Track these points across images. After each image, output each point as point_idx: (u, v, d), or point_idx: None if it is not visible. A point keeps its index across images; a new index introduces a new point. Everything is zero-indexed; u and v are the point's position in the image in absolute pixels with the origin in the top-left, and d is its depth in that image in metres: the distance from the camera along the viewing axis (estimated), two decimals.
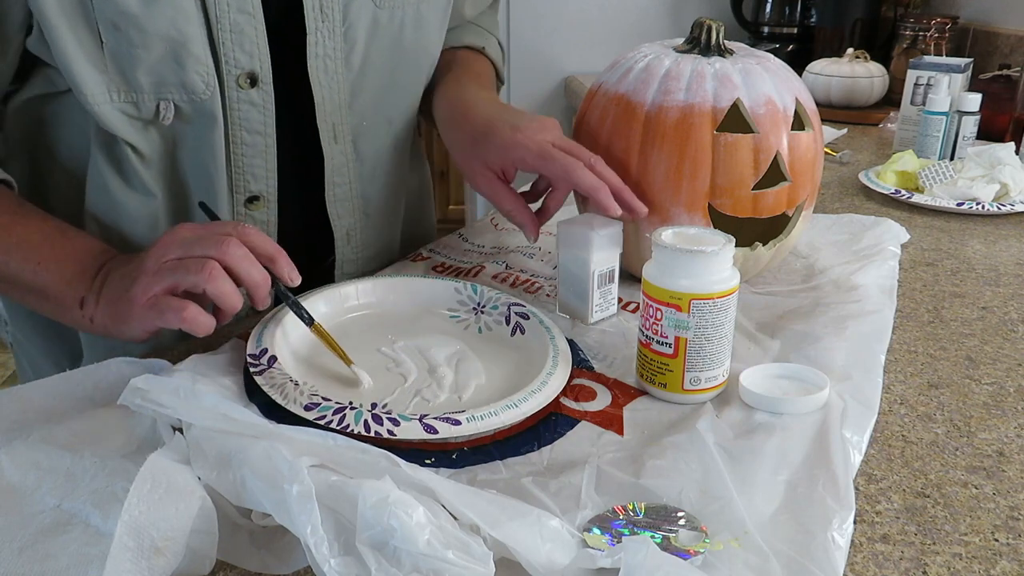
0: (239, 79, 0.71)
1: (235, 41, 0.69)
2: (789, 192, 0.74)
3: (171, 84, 0.68)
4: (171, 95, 0.68)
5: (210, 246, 0.57)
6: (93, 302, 0.63)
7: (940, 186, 1.09)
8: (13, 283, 0.65)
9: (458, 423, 0.53)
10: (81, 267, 0.64)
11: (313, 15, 0.73)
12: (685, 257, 0.57)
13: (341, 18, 0.75)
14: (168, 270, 0.57)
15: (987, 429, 0.59)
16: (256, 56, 0.71)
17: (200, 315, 0.57)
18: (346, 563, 0.41)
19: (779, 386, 0.60)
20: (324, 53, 0.75)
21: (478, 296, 0.72)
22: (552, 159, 0.70)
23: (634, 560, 0.41)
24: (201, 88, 0.69)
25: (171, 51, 0.66)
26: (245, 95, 0.72)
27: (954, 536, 0.48)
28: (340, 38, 0.75)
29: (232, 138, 0.73)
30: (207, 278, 0.56)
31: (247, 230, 0.60)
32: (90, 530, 0.45)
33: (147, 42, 0.65)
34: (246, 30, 0.69)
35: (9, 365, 2.77)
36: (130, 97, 0.68)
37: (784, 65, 0.77)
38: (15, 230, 0.65)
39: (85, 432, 0.53)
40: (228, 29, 0.68)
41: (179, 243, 0.58)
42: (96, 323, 0.63)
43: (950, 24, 1.70)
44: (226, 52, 0.69)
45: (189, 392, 0.51)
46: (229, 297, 0.57)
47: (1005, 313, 0.78)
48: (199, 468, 0.46)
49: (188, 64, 0.67)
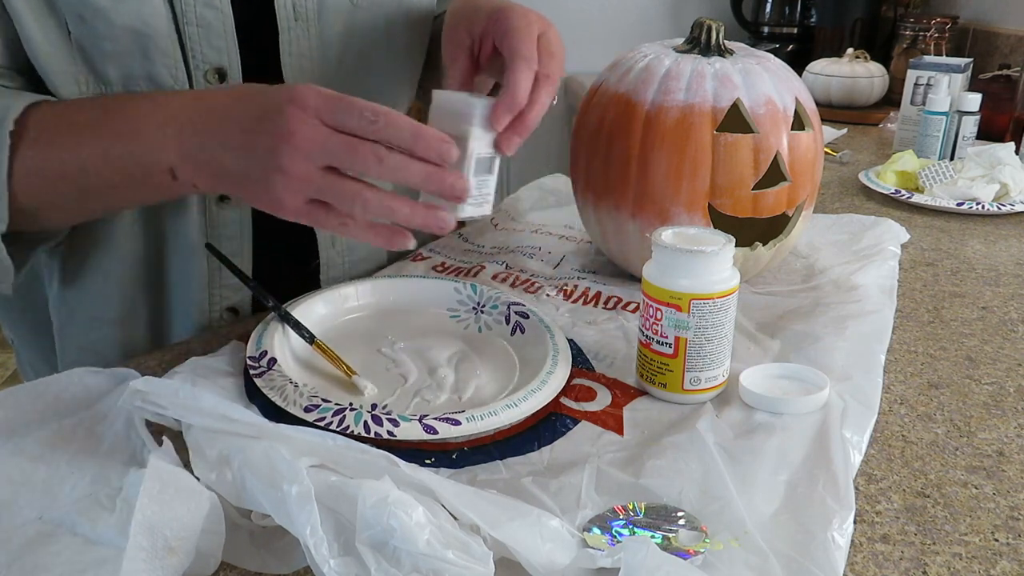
0: (207, 74, 0.70)
1: (202, 35, 0.68)
2: (789, 192, 0.74)
3: (138, 77, 0.67)
4: (139, 87, 0.68)
5: (361, 162, 0.54)
6: (192, 169, 0.59)
7: (940, 186, 1.09)
8: (95, 189, 0.62)
9: (458, 423, 0.53)
10: (153, 139, 0.60)
11: (284, 14, 0.72)
12: (685, 257, 0.57)
13: (315, 16, 0.74)
14: (319, 185, 0.54)
15: (987, 429, 0.59)
16: (224, 51, 0.70)
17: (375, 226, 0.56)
18: (346, 563, 0.41)
19: (779, 386, 0.60)
20: (299, 52, 0.74)
21: (478, 296, 0.72)
22: (518, 35, 0.63)
23: (634, 560, 0.40)
24: (169, 82, 0.68)
25: (138, 44, 0.66)
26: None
27: (954, 536, 0.48)
28: (315, 38, 0.75)
29: None
30: (362, 207, 0.55)
31: (376, 118, 0.54)
32: (78, 539, 0.45)
33: (114, 34, 0.65)
34: (213, 24, 0.68)
35: (9, 365, 2.77)
36: (98, 88, 0.67)
37: (784, 65, 0.77)
38: (61, 139, 0.62)
39: (55, 442, 0.52)
40: (195, 23, 0.68)
41: (323, 148, 0.54)
42: (205, 189, 0.60)
43: (950, 24, 1.70)
44: (193, 46, 0.68)
45: (189, 393, 0.51)
46: (390, 212, 0.55)
47: (1005, 313, 0.78)
48: (199, 469, 0.46)
49: (155, 57, 0.67)
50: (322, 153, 0.54)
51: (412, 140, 0.55)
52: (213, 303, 0.78)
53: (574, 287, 0.79)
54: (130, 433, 0.52)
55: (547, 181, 1.13)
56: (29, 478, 0.49)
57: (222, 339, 0.67)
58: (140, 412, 0.52)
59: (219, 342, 0.66)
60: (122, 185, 0.62)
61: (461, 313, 0.72)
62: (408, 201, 0.56)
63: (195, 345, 0.69)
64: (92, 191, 0.63)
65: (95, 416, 0.55)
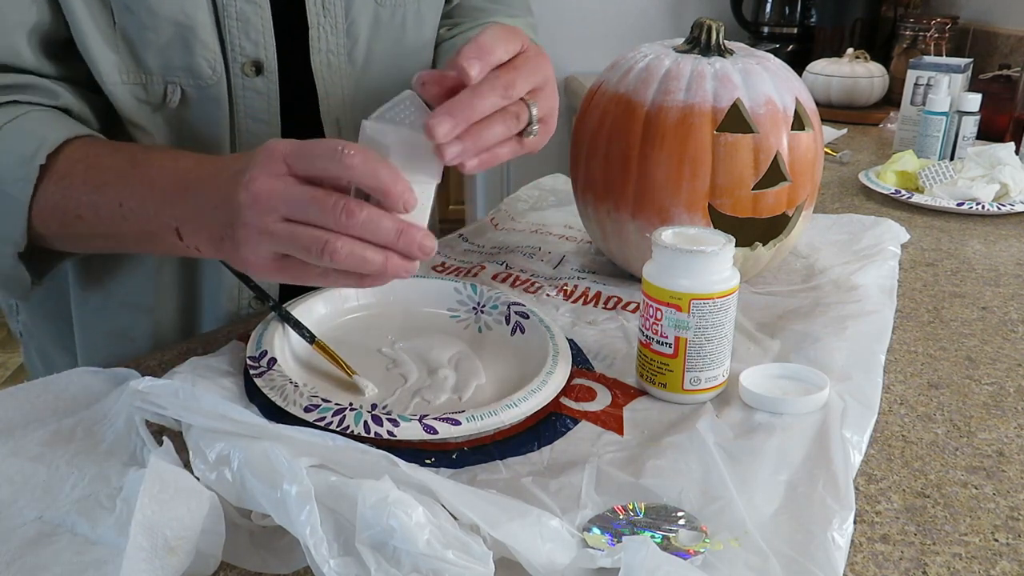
0: (244, 67, 0.72)
1: (241, 29, 0.71)
2: (789, 192, 0.74)
3: (178, 68, 0.69)
4: (178, 79, 0.70)
5: (325, 215, 0.50)
6: (191, 231, 0.58)
7: (940, 186, 1.09)
8: (111, 236, 0.63)
9: (458, 423, 0.53)
10: (162, 196, 0.59)
11: (315, 10, 0.75)
12: (685, 257, 0.57)
13: (343, 14, 0.76)
14: (280, 237, 0.51)
15: (987, 429, 0.59)
16: (261, 45, 0.72)
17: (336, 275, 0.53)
18: (345, 563, 0.41)
19: (779, 386, 0.60)
20: (327, 48, 0.77)
21: (478, 296, 0.72)
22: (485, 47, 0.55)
23: (634, 560, 0.40)
24: (208, 73, 0.70)
25: (179, 35, 0.68)
26: (250, 83, 0.73)
27: (954, 536, 0.48)
28: (343, 34, 0.77)
29: (237, 126, 0.74)
30: (333, 256, 0.50)
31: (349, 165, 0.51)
32: (78, 539, 0.45)
33: (157, 25, 0.67)
34: (252, 19, 0.71)
35: (9, 365, 2.77)
36: (139, 79, 0.69)
37: (784, 65, 0.77)
38: (89, 176, 0.62)
39: (54, 442, 0.52)
40: (234, 17, 0.70)
41: (282, 198, 0.51)
42: (206, 253, 0.59)
43: (950, 24, 1.70)
44: (232, 39, 0.71)
45: (188, 394, 0.51)
46: (361, 263, 0.51)
47: (1005, 313, 0.78)
48: (199, 469, 0.46)
49: (195, 49, 0.69)
50: (282, 204, 0.51)
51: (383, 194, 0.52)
52: (243, 292, 0.79)
53: (574, 287, 0.79)
54: (130, 433, 0.52)
55: (547, 181, 1.13)
56: (29, 478, 0.49)
57: (222, 339, 0.67)
58: (140, 412, 0.52)
59: (219, 342, 0.66)
60: (131, 236, 0.63)
61: (461, 313, 0.72)
62: (380, 250, 0.53)
63: (195, 345, 0.69)
64: (107, 236, 0.64)
65: (95, 416, 0.55)
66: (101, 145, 0.65)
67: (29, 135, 0.62)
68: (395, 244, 0.52)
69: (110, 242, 0.66)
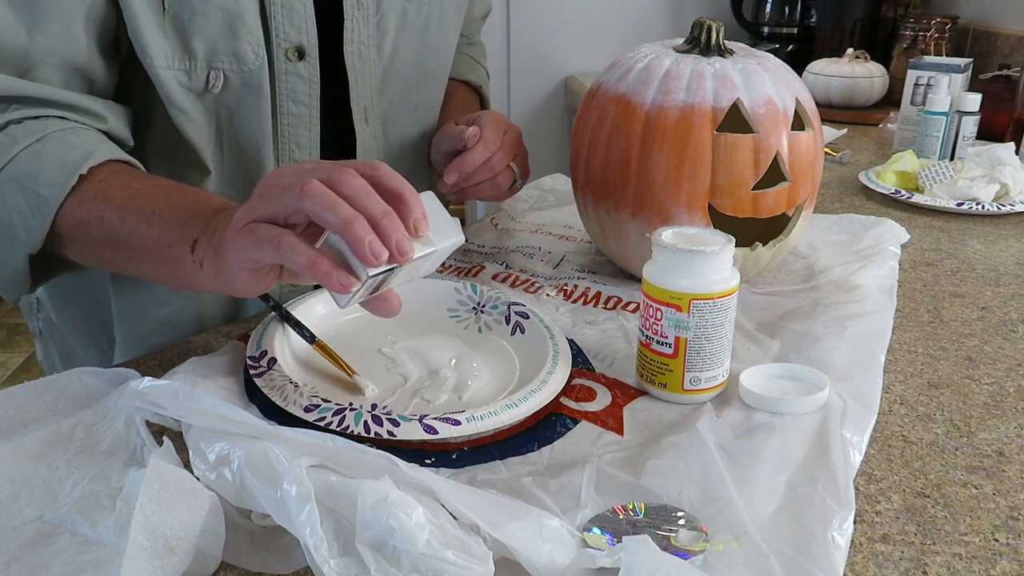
0: (287, 52, 0.75)
1: (285, 15, 0.74)
2: (789, 192, 0.74)
3: (223, 53, 0.71)
4: (222, 64, 0.72)
5: (324, 171, 0.51)
6: (205, 243, 0.57)
7: (940, 186, 1.09)
8: (128, 245, 0.62)
9: (458, 423, 0.53)
10: (195, 210, 0.60)
11: (350, 3, 0.78)
12: (685, 257, 0.57)
13: (375, 8, 0.81)
14: (270, 196, 0.52)
15: (987, 429, 0.59)
16: (304, 31, 0.75)
17: (299, 245, 0.49)
18: (345, 563, 0.41)
19: (779, 386, 0.60)
20: (359, 39, 0.80)
21: (478, 296, 0.72)
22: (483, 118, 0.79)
23: (634, 560, 0.40)
24: (251, 59, 0.73)
25: (227, 21, 0.70)
26: (292, 67, 0.76)
27: (954, 536, 0.48)
28: (373, 27, 0.81)
29: (279, 108, 0.77)
30: (301, 194, 0.49)
31: (375, 164, 0.53)
32: (78, 539, 0.45)
33: (207, 10, 0.69)
34: (296, 6, 0.74)
35: (9, 365, 2.77)
36: (183, 64, 0.71)
37: (784, 65, 0.77)
38: (133, 186, 0.64)
39: (54, 442, 0.53)
40: (279, 4, 0.73)
41: (292, 171, 0.53)
42: (205, 268, 0.57)
43: (950, 24, 1.70)
44: (276, 25, 0.73)
45: (189, 394, 0.51)
46: (334, 209, 0.48)
47: (1005, 313, 0.78)
48: (199, 469, 0.46)
49: (241, 34, 0.71)
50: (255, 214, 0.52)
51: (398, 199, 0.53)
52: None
53: (574, 287, 0.79)
54: (130, 433, 0.53)
55: (547, 181, 1.13)
56: (29, 478, 0.49)
57: (222, 339, 0.67)
58: (140, 412, 0.52)
59: (219, 342, 0.66)
60: (145, 244, 0.62)
61: (461, 313, 0.72)
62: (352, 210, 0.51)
63: (195, 345, 0.69)
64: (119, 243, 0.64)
65: (95, 416, 0.55)
66: (138, 176, 0.67)
67: (75, 147, 0.64)
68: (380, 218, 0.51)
69: (120, 251, 0.65)
